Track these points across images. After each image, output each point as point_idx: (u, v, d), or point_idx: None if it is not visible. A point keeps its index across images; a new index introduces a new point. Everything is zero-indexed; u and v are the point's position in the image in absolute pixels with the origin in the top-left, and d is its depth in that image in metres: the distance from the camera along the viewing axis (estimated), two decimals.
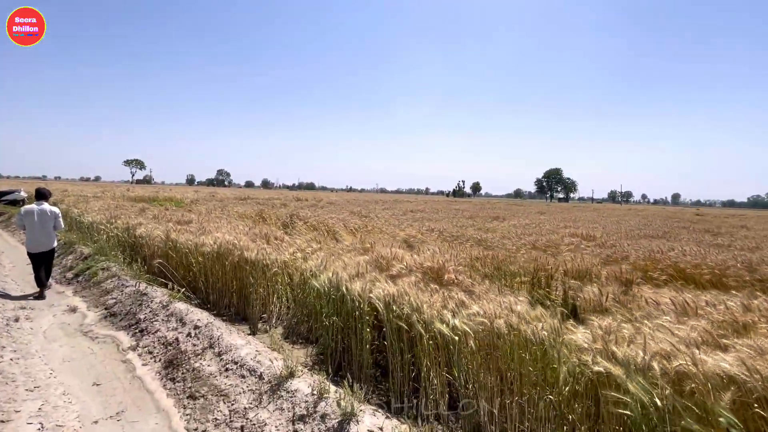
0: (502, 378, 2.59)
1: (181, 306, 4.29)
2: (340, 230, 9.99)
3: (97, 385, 3.19)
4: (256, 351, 3.22)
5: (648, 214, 28.17)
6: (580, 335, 2.35)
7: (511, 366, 2.56)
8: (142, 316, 4.32)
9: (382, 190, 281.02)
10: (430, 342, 2.78)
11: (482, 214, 16.77)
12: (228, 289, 4.79)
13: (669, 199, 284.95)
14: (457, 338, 2.67)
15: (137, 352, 3.73)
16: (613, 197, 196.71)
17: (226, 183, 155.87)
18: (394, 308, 3.02)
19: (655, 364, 2.06)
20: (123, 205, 12.78)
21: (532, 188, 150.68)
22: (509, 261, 4.71)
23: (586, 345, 2.27)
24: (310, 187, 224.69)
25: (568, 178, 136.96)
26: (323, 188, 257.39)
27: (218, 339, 3.45)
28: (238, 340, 3.41)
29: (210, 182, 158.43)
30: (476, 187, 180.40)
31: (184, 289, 4.70)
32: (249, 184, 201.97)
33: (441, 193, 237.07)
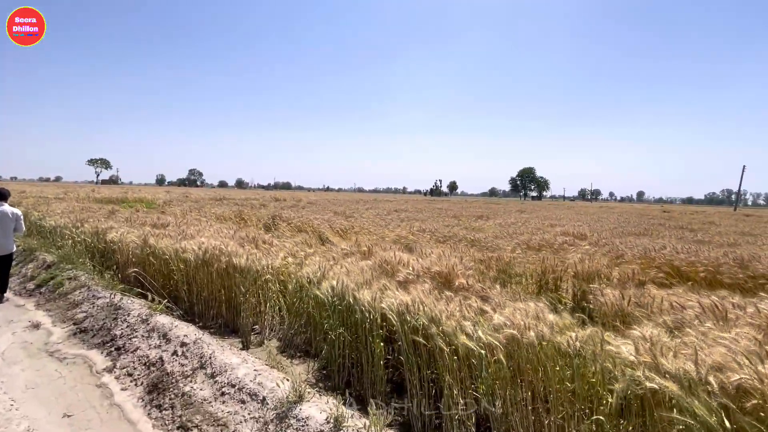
0: (534, 395, 2.38)
1: (163, 319, 3.86)
2: (326, 231, 9.65)
3: (68, 416, 2.77)
4: (255, 370, 2.88)
5: (620, 211, 29.14)
6: (624, 347, 2.16)
7: (545, 381, 2.35)
8: (118, 332, 3.87)
9: (360, 190, 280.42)
10: (453, 357, 2.53)
11: (466, 213, 16.75)
12: (215, 299, 4.39)
13: (634, 196, 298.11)
14: (483, 352, 2.44)
15: (114, 374, 3.30)
16: (583, 195, 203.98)
17: (198, 183, 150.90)
18: (410, 319, 2.76)
19: (712, 379, 1.90)
20: (89, 207, 11.91)
21: (507, 187, 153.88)
22: (514, 262, 4.55)
23: (632, 358, 2.09)
24: (287, 186, 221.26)
25: (541, 177, 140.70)
26: (300, 188, 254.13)
27: (210, 357, 3.08)
28: (233, 358, 3.05)
29: (181, 182, 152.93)
30: (453, 186, 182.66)
31: (165, 301, 4.26)
32: (222, 184, 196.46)
33: (418, 192, 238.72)
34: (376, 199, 39.83)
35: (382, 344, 2.85)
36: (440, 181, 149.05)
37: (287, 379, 2.84)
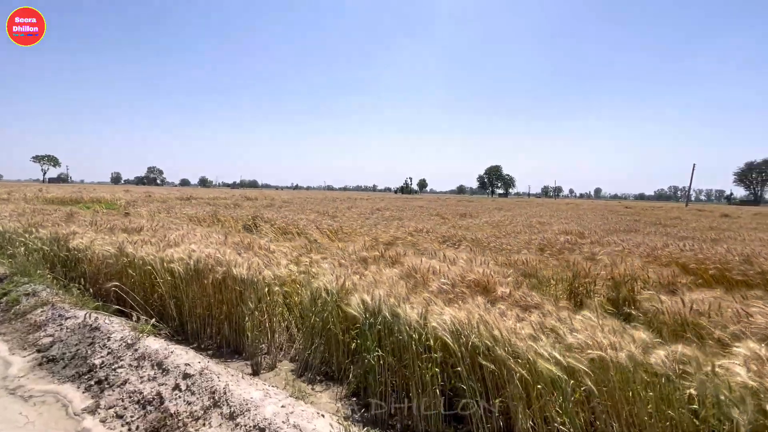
0: (624, 426, 2.08)
1: (154, 344, 3.26)
2: (314, 233, 9.11)
3: None
4: (283, 407, 2.39)
5: (588, 208, 30.24)
6: (737, 368, 1.89)
7: (636, 410, 2.05)
8: (97, 361, 3.23)
9: (330, 188, 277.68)
10: (528, 383, 2.18)
11: (447, 212, 16.62)
12: (211, 316, 3.81)
13: (592, 193, 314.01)
14: (565, 377, 2.11)
15: (99, 416, 2.70)
16: (545, 192, 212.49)
17: (158, 181, 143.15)
18: (471, 341, 2.38)
19: None
20: (42, 209, 10.65)
21: (474, 184, 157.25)
22: (539, 266, 4.28)
23: (753, 383, 1.82)
24: (253, 185, 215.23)
25: (507, 175, 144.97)
26: (267, 186, 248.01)
27: (225, 392, 2.55)
28: (252, 392, 2.54)
29: (140, 181, 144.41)
30: (422, 184, 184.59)
31: (153, 320, 3.64)
32: (185, 183, 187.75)
33: (388, 189, 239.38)
34: (350, 197, 39.21)
35: (437, 369, 2.45)
36: (410, 179, 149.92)
37: (322, 414, 2.39)
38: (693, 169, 49.88)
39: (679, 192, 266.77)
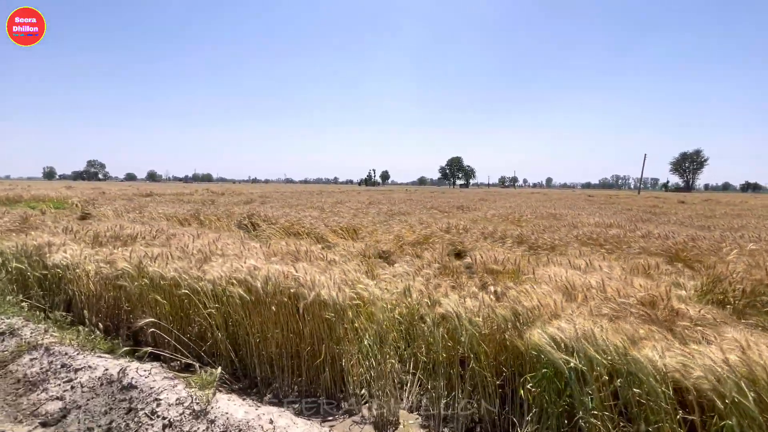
0: None
1: (236, 408, 2.28)
2: (325, 233, 8.13)
3: None
4: None
5: (557, 197, 31.15)
6: None
7: None
8: None
9: (289, 181, 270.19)
10: None
11: (442, 204, 16.06)
12: (290, 354, 2.86)
13: (544, 182, 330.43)
14: None
15: None
16: (502, 182, 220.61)
17: (100, 176, 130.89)
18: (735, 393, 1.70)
19: None
20: None
21: (436, 175, 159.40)
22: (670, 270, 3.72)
23: None
24: (208, 178, 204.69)
25: (468, 166, 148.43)
26: (222, 180, 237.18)
27: None
28: None
29: (78, 176, 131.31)
30: (385, 176, 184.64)
31: (219, 370, 2.62)
32: (131, 177, 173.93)
33: (350, 182, 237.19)
34: (323, 190, 37.82)
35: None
36: (374, 170, 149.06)
37: None
38: (644, 160, 53.52)
39: (620, 180, 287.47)
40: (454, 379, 2.59)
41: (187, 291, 3.16)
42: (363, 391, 2.76)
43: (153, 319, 2.92)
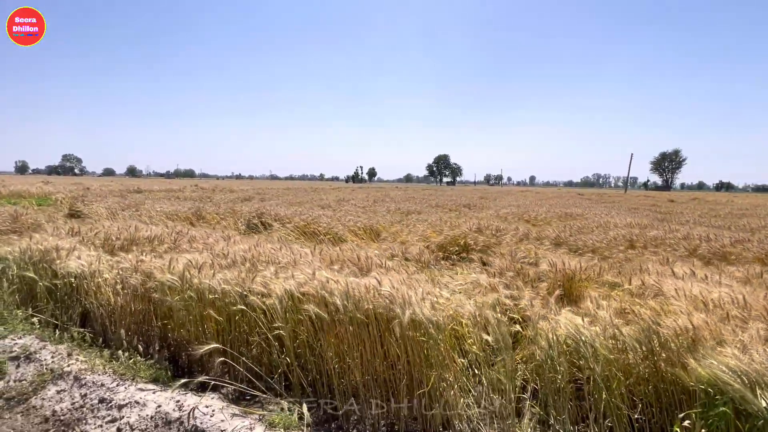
0: None
1: None
2: (344, 234, 7.69)
3: None
4: None
5: (551, 195, 31.28)
6: None
7: None
8: None
9: (274, 177, 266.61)
10: None
11: (446, 202, 15.73)
12: (384, 387, 2.44)
13: (527, 180, 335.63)
14: None
15: None
16: (487, 180, 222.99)
17: (76, 171, 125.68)
18: None
19: None
20: None
21: (422, 173, 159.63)
22: None
23: None
24: (190, 174, 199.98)
25: (455, 163, 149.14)
26: (205, 176, 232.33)
27: None
28: None
29: (53, 170, 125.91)
30: (372, 173, 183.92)
31: (306, 408, 2.17)
32: (109, 173, 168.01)
33: (336, 178, 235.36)
34: (315, 188, 37.11)
35: None
36: (361, 167, 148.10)
37: None
38: (631, 159, 54.54)
39: (600, 179, 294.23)
40: (575, 410, 2.23)
41: (243, 307, 2.70)
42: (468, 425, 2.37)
43: (218, 345, 2.44)
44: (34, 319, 3.37)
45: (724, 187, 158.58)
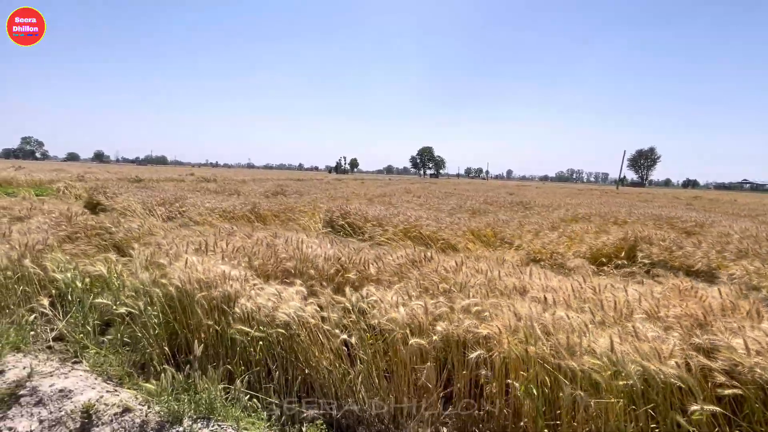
0: None
1: None
2: (451, 238, 6.59)
3: None
4: None
5: (553, 190, 31.11)
6: None
7: None
8: None
9: (251, 166, 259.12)
10: None
11: (490, 198, 14.77)
12: None
13: (505, 174, 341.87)
14: None
15: None
16: (468, 173, 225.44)
17: (38, 155, 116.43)
18: None
19: None
20: None
21: (405, 165, 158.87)
22: None
23: None
24: (162, 161, 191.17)
25: (439, 156, 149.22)
26: (178, 163, 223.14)
27: None
28: None
29: (10, 154, 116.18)
30: (354, 164, 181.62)
31: None
32: (73, 157, 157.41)
33: (316, 168, 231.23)
34: (311, 179, 35.52)
35: None
36: (344, 158, 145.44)
37: None
38: (624, 156, 55.56)
39: (574, 174, 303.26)
40: None
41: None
42: None
43: None
44: (249, 400, 2.13)
45: (690, 184, 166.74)
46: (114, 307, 2.55)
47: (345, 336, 2.22)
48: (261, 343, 2.35)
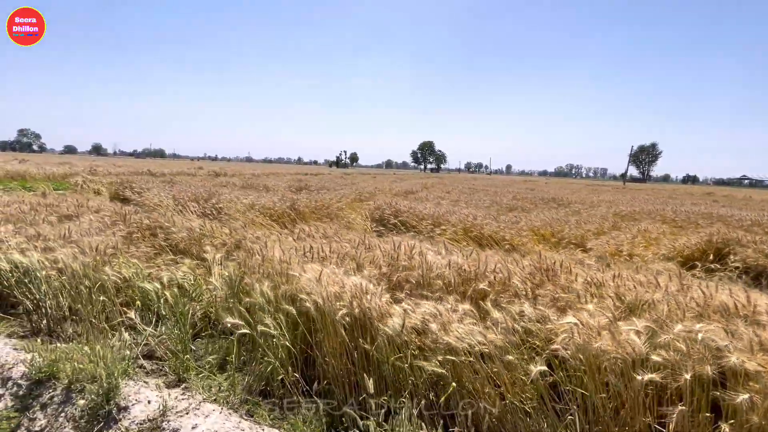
0: None
1: None
2: (515, 240, 6.20)
3: None
4: None
5: (561, 185, 30.76)
6: None
7: None
8: None
9: (250, 159, 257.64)
10: None
11: (518, 194, 14.38)
12: None
13: (504, 169, 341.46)
14: None
15: None
16: (468, 168, 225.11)
17: (35, 148, 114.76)
18: None
19: None
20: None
21: (404, 159, 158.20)
22: None
23: None
24: (160, 154, 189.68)
25: (440, 151, 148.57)
26: (176, 156, 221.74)
27: None
28: None
29: (8, 146, 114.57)
30: (354, 158, 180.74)
31: None
32: (70, 150, 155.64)
33: (315, 162, 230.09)
34: (318, 174, 35.04)
35: None
36: (344, 152, 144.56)
37: None
38: (631, 151, 55.22)
39: (573, 170, 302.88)
40: None
41: None
42: None
43: None
44: None
45: (690, 180, 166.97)
46: (242, 325, 2.15)
47: (542, 366, 1.84)
48: (428, 372, 1.98)
